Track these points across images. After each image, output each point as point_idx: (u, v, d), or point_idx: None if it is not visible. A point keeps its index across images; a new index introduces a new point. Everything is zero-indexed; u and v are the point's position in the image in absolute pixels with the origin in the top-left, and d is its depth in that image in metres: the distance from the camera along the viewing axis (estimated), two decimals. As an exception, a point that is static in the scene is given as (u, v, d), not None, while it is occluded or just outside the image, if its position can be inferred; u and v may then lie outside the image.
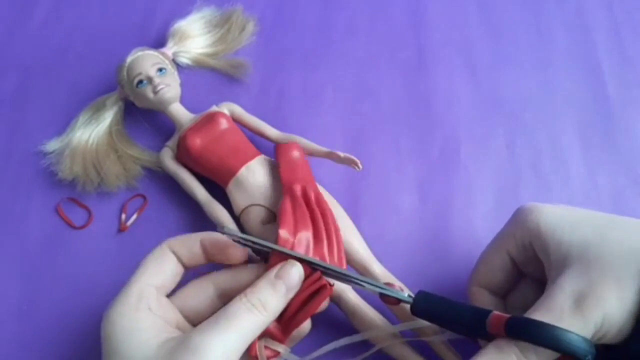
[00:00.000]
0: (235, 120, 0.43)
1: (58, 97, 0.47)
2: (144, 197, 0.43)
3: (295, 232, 0.35)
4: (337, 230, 0.37)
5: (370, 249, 0.38)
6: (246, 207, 0.39)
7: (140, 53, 0.43)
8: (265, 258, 0.33)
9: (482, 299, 0.34)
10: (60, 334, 0.38)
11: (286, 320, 0.31)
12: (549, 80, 0.47)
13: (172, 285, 0.31)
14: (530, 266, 0.33)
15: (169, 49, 0.46)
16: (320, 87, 0.47)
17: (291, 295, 0.30)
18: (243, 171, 0.39)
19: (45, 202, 0.43)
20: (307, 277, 0.31)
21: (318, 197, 0.38)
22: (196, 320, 0.30)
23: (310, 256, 0.34)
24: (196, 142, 0.40)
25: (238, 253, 0.32)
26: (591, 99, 0.47)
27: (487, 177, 0.43)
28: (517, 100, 0.46)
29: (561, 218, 0.30)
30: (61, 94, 0.47)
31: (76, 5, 0.52)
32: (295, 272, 0.30)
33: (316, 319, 0.38)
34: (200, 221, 0.41)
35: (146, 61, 0.42)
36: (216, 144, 0.40)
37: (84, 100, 0.46)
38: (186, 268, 0.32)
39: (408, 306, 0.31)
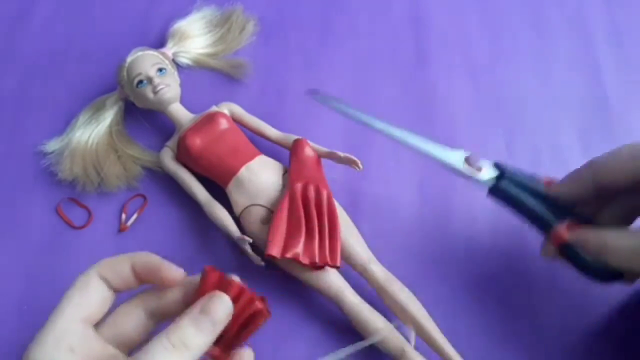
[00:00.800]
0: (235, 120, 0.43)
1: (58, 97, 0.47)
2: (144, 197, 0.43)
3: (285, 248, 0.36)
4: (333, 227, 0.37)
5: (370, 249, 0.38)
6: (246, 207, 0.39)
7: (140, 53, 0.43)
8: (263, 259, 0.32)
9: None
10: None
11: (226, 341, 0.28)
12: (549, 80, 0.47)
13: (101, 314, 0.28)
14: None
15: (169, 49, 0.46)
16: (320, 87, 0.47)
17: (219, 329, 0.27)
18: (243, 171, 0.39)
19: (45, 202, 0.43)
20: (239, 298, 0.28)
21: (319, 193, 0.38)
22: (130, 346, 0.29)
23: (301, 254, 0.36)
24: (196, 142, 0.40)
25: (173, 274, 0.28)
26: (591, 99, 0.47)
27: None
28: (517, 100, 0.46)
29: None
30: (61, 94, 0.47)
31: (76, 6, 0.52)
32: (222, 308, 0.27)
33: (315, 319, 0.38)
34: (200, 221, 0.41)
35: (146, 61, 0.42)
36: (216, 144, 0.40)
37: (84, 100, 0.46)
38: (117, 292, 0.29)
39: None
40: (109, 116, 0.44)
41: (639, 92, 0.47)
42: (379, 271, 0.37)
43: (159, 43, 0.47)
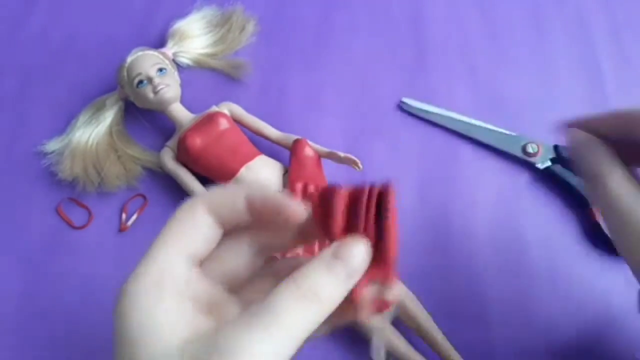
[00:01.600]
0: (235, 120, 0.43)
1: (58, 97, 0.47)
2: (144, 197, 0.43)
3: None
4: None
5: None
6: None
7: (140, 53, 0.43)
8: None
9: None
10: (61, 334, 0.38)
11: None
12: (549, 80, 0.47)
13: (207, 252, 0.24)
14: None
15: (169, 49, 0.46)
16: (320, 87, 0.47)
17: (354, 281, 0.22)
18: (243, 171, 0.39)
19: (46, 202, 0.43)
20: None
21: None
22: (235, 286, 0.24)
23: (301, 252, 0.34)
24: (196, 142, 0.40)
25: (297, 214, 0.23)
26: (591, 99, 0.47)
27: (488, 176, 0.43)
28: (517, 100, 0.46)
29: None
30: (61, 94, 0.47)
31: (76, 6, 0.52)
32: (358, 252, 0.22)
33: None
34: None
35: (146, 61, 0.42)
36: (216, 144, 0.40)
37: (84, 100, 0.46)
38: (225, 227, 0.24)
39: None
40: (109, 116, 0.44)
41: (639, 92, 0.47)
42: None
43: (159, 43, 0.47)
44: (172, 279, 0.22)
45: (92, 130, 0.44)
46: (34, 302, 0.39)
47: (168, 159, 0.42)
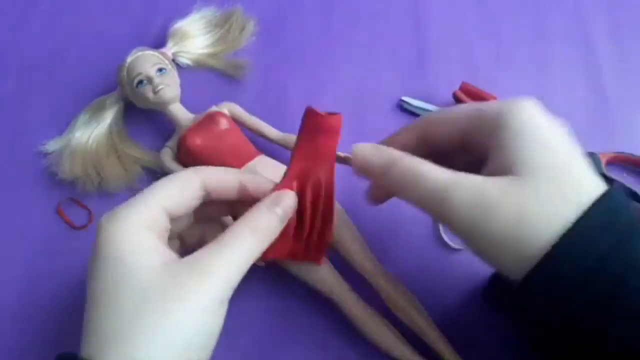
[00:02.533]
0: (235, 120, 0.43)
1: (58, 97, 0.47)
2: (144, 197, 0.43)
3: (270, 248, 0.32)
4: (325, 225, 0.33)
5: (369, 249, 0.38)
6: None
7: (140, 53, 0.43)
8: None
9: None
10: (61, 334, 0.38)
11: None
12: (549, 81, 0.47)
13: (185, 212, 0.30)
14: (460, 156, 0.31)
15: (169, 49, 0.46)
16: (320, 87, 0.47)
17: (286, 220, 0.30)
18: (244, 170, 0.39)
19: (46, 202, 0.43)
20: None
21: (318, 188, 0.33)
22: (175, 216, 0.30)
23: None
24: (196, 142, 0.40)
25: (291, 202, 0.31)
26: (591, 99, 0.47)
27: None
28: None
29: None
30: (61, 94, 0.47)
31: (76, 6, 0.52)
32: (289, 199, 0.31)
33: (316, 318, 0.38)
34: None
35: (146, 61, 0.42)
36: (216, 144, 0.40)
37: (84, 100, 0.46)
38: (209, 199, 0.31)
39: None
40: (109, 116, 0.44)
41: (639, 92, 0.47)
42: (378, 271, 0.37)
43: (159, 43, 0.47)
44: (153, 221, 0.28)
45: (92, 131, 0.44)
46: (33, 302, 0.39)
47: (168, 159, 0.42)
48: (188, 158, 0.41)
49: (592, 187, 0.26)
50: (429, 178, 0.28)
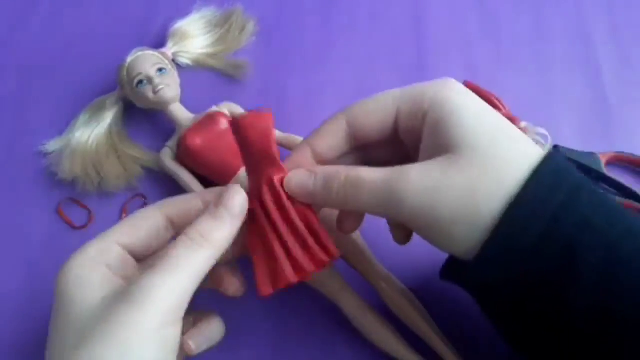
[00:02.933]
0: (235, 120, 0.43)
1: (58, 97, 0.47)
2: (144, 197, 0.43)
3: (274, 279, 0.30)
4: (306, 220, 0.29)
5: (369, 249, 0.38)
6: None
7: (140, 53, 0.43)
8: None
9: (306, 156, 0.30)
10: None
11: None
12: (549, 81, 0.47)
13: (153, 246, 0.29)
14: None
15: (169, 49, 0.46)
16: (320, 87, 0.47)
17: (238, 223, 0.27)
18: (243, 171, 0.39)
19: (46, 202, 0.43)
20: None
21: (274, 189, 0.30)
22: (143, 255, 0.29)
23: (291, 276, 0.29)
24: (196, 142, 0.40)
25: (235, 193, 0.28)
26: (591, 99, 0.47)
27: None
28: (517, 100, 0.46)
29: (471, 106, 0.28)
30: (61, 94, 0.47)
31: (76, 5, 0.52)
32: (237, 198, 0.27)
33: (316, 319, 0.38)
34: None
35: (146, 61, 0.42)
36: (216, 144, 0.40)
37: (84, 100, 0.46)
38: (177, 228, 0.29)
39: None
40: (109, 116, 0.44)
41: (639, 92, 0.47)
42: (379, 270, 0.37)
43: (159, 43, 0.47)
44: (107, 256, 0.27)
45: (92, 131, 0.44)
46: (33, 302, 0.39)
47: (168, 159, 0.42)
48: (188, 158, 0.41)
49: (533, 155, 0.26)
50: (370, 180, 0.27)
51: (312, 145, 0.30)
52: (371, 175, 0.27)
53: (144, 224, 0.29)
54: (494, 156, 0.26)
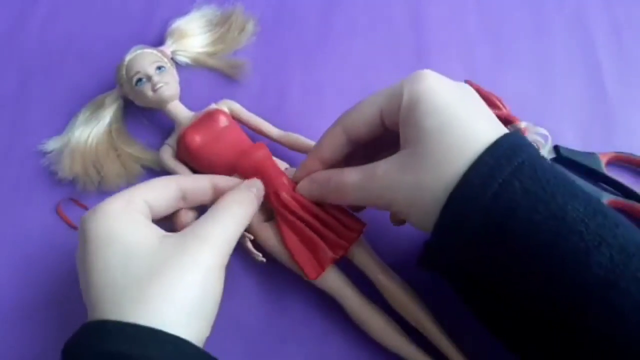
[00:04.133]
0: (235, 118, 0.43)
1: (58, 97, 0.47)
2: (144, 197, 0.43)
3: (319, 262, 0.36)
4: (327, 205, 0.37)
5: (370, 248, 0.38)
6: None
7: (139, 51, 0.43)
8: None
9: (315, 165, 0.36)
10: (60, 334, 0.38)
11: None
12: (549, 80, 0.47)
13: (164, 212, 0.33)
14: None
15: (168, 48, 0.46)
16: (320, 87, 0.47)
17: (259, 202, 0.35)
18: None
19: (45, 202, 0.43)
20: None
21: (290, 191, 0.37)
22: (154, 218, 0.32)
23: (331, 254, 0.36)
24: (196, 139, 0.40)
25: (260, 185, 0.36)
26: (591, 99, 0.47)
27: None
28: (517, 100, 0.46)
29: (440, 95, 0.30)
30: (61, 94, 0.47)
31: (76, 5, 0.52)
32: (259, 185, 0.36)
33: (317, 317, 0.38)
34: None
35: (145, 59, 0.42)
36: (216, 141, 0.40)
37: (84, 100, 0.46)
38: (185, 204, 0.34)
39: None
40: (108, 114, 0.44)
41: (639, 92, 0.47)
42: (380, 268, 0.37)
43: (158, 42, 0.47)
44: (135, 206, 0.31)
45: (92, 129, 0.44)
46: (32, 301, 0.39)
47: (167, 157, 0.42)
48: (188, 156, 0.41)
49: (482, 140, 0.28)
50: (351, 182, 0.32)
51: (318, 154, 0.35)
52: (352, 177, 0.32)
53: (163, 190, 0.32)
54: (437, 151, 0.28)
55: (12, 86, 0.48)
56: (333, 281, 0.36)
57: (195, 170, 0.41)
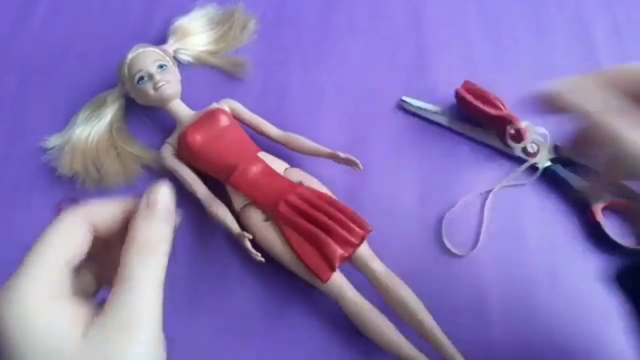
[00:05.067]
0: (236, 117, 0.43)
1: (58, 96, 0.47)
2: (144, 196, 0.43)
3: (328, 262, 0.36)
4: (336, 206, 0.37)
5: (370, 247, 0.38)
6: (246, 204, 0.39)
7: (141, 50, 0.43)
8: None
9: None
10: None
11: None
12: (548, 80, 0.47)
13: (80, 256, 0.26)
14: None
15: (170, 46, 0.46)
16: (320, 87, 0.47)
17: (171, 218, 0.25)
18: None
19: (46, 200, 0.43)
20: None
21: (301, 194, 0.38)
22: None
23: (340, 252, 0.36)
24: (197, 138, 0.40)
25: (161, 190, 0.26)
26: (591, 99, 0.46)
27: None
28: (517, 100, 0.46)
29: None
30: (61, 93, 0.47)
31: (76, 4, 0.52)
32: (163, 193, 0.26)
33: (317, 318, 0.38)
34: (200, 219, 0.41)
35: (147, 58, 0.42)
36: (217, 140, 0.40)
37: (84, 100, 0.46)
38: (99, 235, 0.26)
39: None
40: (109, 113, 0.44)
41: (639, 92, 0.47)
42: (379, 268, 0.37)
43: (161, 40, 0.47)
44: (63, 283, 0.24)
45: (93, 127, 0.44)
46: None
47: (168, 155, 0.42)
48: (188, 154, 0.41)
49: None
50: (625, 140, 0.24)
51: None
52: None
53: (78, 240, 0.25)
54: None
55: (12, 86, 0.48)
56: (333, 282, 0.36)
57: (195, 169, 0.41)
